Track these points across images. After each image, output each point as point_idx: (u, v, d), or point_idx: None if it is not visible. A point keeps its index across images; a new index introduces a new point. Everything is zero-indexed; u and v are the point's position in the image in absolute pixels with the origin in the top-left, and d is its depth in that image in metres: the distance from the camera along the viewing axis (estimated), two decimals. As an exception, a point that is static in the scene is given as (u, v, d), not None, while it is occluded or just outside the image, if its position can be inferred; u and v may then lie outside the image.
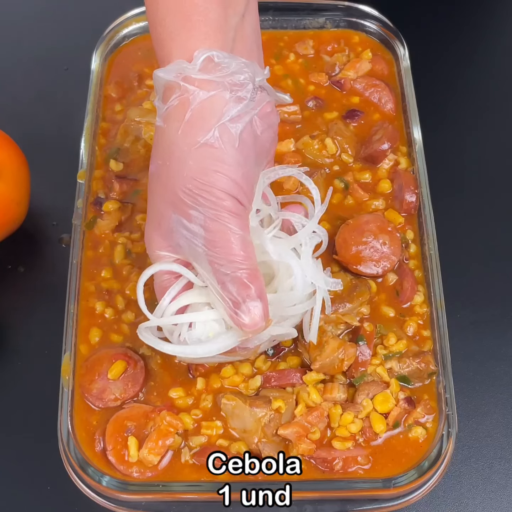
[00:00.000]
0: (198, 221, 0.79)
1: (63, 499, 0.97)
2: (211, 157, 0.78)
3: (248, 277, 0.80)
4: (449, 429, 0.91)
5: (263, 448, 0.89)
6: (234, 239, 0.79)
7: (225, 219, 0.79)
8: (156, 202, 0.83)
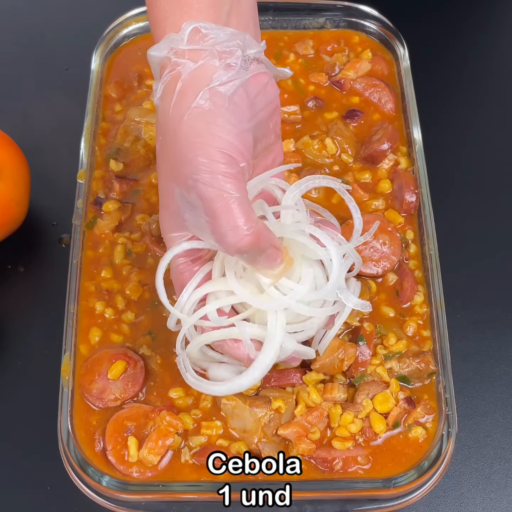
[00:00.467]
0: (194, 189, 0.76)
1: (63, 499, 0.97)
2: (203, 120, 0.76)
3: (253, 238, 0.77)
4: (449, 429, 0.91)
5: (263, 448, 0.89)
6: (232, 203, 0.75)
7: (220, 182, 0.75)
8: (162, 180, 0.81)
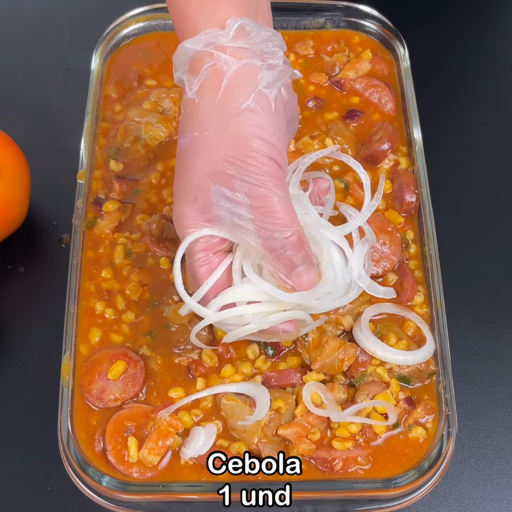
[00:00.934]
0: (242, 189, 0.79)
1: (63, 499, 0.97)
2: (251, 123, 0.78)
3: (299, 240, 0.81)
4: (449, 429, 0.91)
5: (263, 448, 0.89)
6: (280, 203, 0.79)
7: (269, 183, 0.78)
8: (192, 176, 0.81)
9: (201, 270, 0.86)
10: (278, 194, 0.79)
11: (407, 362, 0.93)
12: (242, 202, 0.80)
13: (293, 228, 0.81)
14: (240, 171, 0.78)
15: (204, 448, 0.89)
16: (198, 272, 0.86)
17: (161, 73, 1.18)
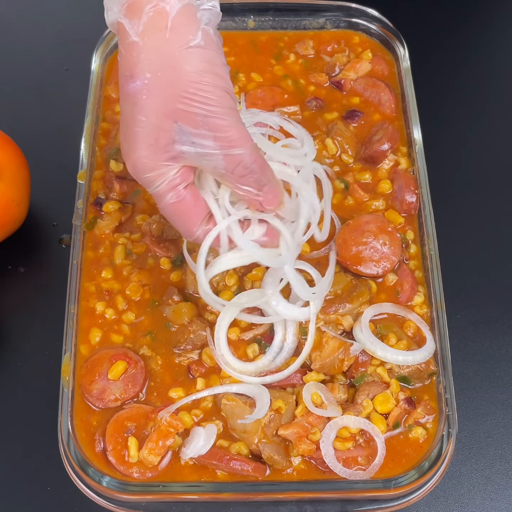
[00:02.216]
0: (205, 123, 0.81)
1: (63, 500, 0.97)
2: (202, 58, 0.81)
3: (263, 161, 0.86)
4: (449, 429, 0.91)
5: (263, 448, 0.89)
6: (241, 131, 0.83)
7: (229, 114, 0.82)
8: (151, 118, 0.82)
9: (178, 208, 0.87)
10: (238, 122, 0.83)
11: (407, 362, 0.93)
12: (206, 135, 0.82)
13: (256, 151, 0.85)
14: (200, 106, 0.80)
15: (204, 448, 0.89)
16: (174, 210, 0.87)
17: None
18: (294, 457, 0.90)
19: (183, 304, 0.98)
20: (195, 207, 0.88)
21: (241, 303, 0.95)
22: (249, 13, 1.21)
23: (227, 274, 0.98)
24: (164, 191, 0.85)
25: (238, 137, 0.83)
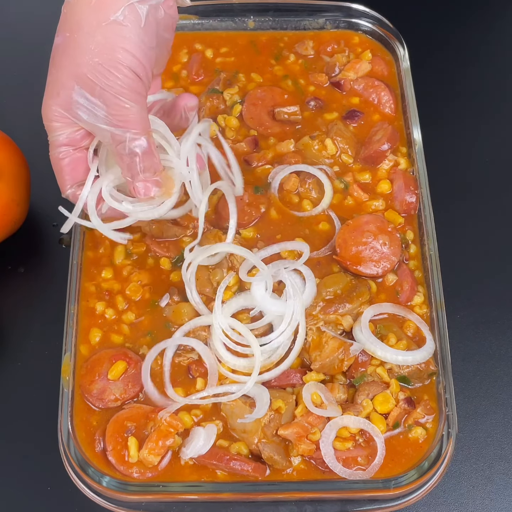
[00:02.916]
0: (102, 95, 0.84)
1: (63, 500, 0.97)
2: (119, 34, 0.83)
3: (144, 151, 0.87)
4: (449, 429, 0.91)
5: (263, 448, 0.89)
6: (133, 114, 0.85)
7: (127, 95, 0.84)
8: (59, 73, 0.86)
9: (62, 163, 0.92)
10: (133, 106, 0.85)
11: (407, 362, 0.93)
12: (100, 106, 0.85)
13: (141, 139, 0.86)
14: (102, 79, 0.83)
15: (204, 448, 0.89)
16: (59, 163, 0.92)
17: (161, 73, 1.18)
18: (294, 457, 0.90)
19: (183, 304, 0.98)
20: (76, 171, 0.93)
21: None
22: (249, 14, 1.21)
23: (227, 275, 0.99)
24: (58, 143, 0.91)
25: (128, 120, 0.85)
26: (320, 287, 0.98)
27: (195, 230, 1.04)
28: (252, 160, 1.09)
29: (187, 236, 1.04)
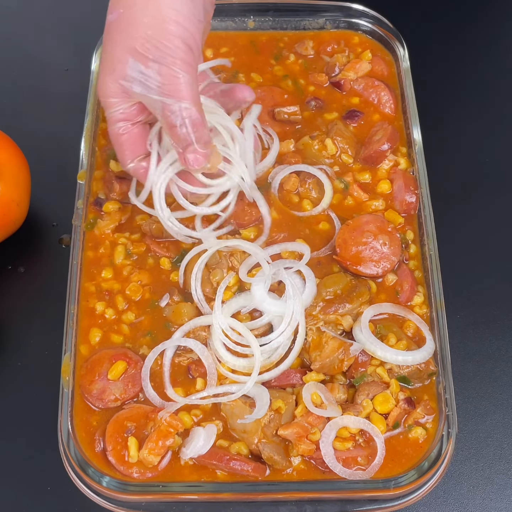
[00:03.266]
0: (154, 66, 0.87)
1: (63, 500, 0.97)
2: (171, 7, 0.86)
3: (195, 121, 0.90)
4: (449, 429, 0.91)
5: (263, 448, 0.89)
6: (185, 84, 0.88)
7: (179, 66, 0.87)
8: (114, 49, 0.89)
9: (121, 138, 0.95)
10: (185, 77, 0.88)
11: (407, 362, 0.93)
12: (153, 77, 0.88)
13: (192, 109, 0.89)
14: (155, 51, 0.87)
15: (204, 448, 0.89)
16: (118, 139, 0.95)
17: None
18: (294, 457, 0.90)
19: (183, 304, 0.98)
20: (136, 145, 0.96)
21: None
22: (249, 14, 1.21)
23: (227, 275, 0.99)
24: (115, 119, 0.93)
25: (180, 89, 0.88)
26: (320, 287, 0.98)
27: (194, 230, 1.04)
28: (252, 160, 1.09)
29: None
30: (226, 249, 0.99)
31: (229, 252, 0.99)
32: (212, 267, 1.00)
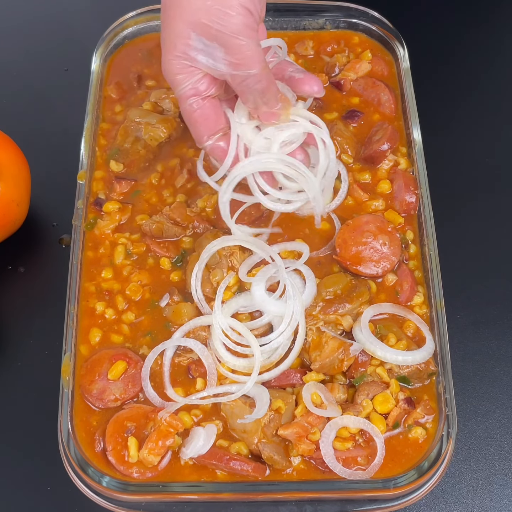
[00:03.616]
0: (218, 37, 0.87)
1: (63, 499, 0.97)
2: None
3: (264, 86, 0.91)
4: (449, 429, 0.91)
5: (263, 448, 0.89)
6: (250, 48, 0.88)
7: (242, 33, 0.87)
8: (173, 25, 0.89)
9: (195, 115, 0.95)
10: (249, 42, 0.88)
11: (407, 362, 0.93)
12: (217, 48, 0.88)
13: (261, 73, 0.90)
14: (217, 20, 0.86)
15: (204, 448, 0.89)
16: (192, 116, 0.95)
17: (161, 73, 1.16)
18: (294, 457, 0.90)
19: (183, 304, 0.98)
20: (209, 120, 0.96)
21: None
22: (249, 14, 1.21)
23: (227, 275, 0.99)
24: (186, 95, 0.93)
25: (246, 57, 0.88)
26: (320, 287, 0.98)
27: (194, 230, 1.04)
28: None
29: (187, 236, 1.04)
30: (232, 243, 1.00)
31: (229, 252, 0.99)
32: (212, 267, 1.00)
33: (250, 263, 0.99)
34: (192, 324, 0.96)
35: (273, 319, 0.96)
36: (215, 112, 0.96)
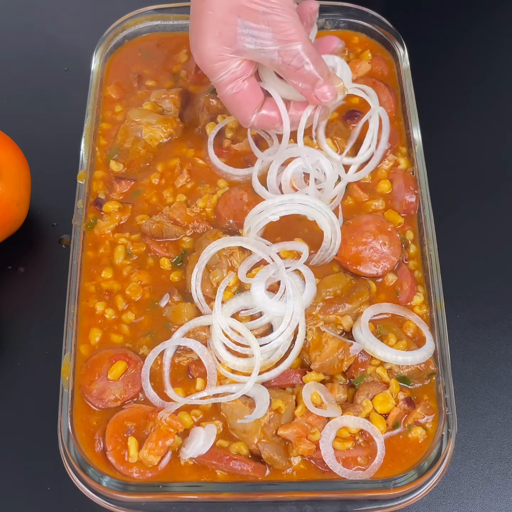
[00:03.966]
0: (264, 19, 0.91)
1: (63, 500, 0.97)
2: None
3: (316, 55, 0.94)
4: (449, 429, 0.91)
5: (263, 448, 0.89)
6: (296, 28, 0.92)
7: (286, 12, 0.91)
8: (217, 12, 0.92)
9: (236, 98, 0.98)
10: (293, 19, 0.92)
11: (407, 362, 0.93)
12: (265, 29, 0.91)
13: (309, 46, 0.93)
14: (262, 2, 0.90)
15: (204, 448, 0.89)
16: (234, 99, 0.98)
17: (161, 73, 1.18)
18: (294, 457, 0.90)
19: (183, 304, 0.98)
20: (251, 98, 0.98)
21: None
22: (249, 14, 1.21)
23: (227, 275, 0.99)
24: (226, 82, 0.96)
25: (294, 32, 0.92)
26: (320, 287, 0.98)
27: (194, 230, 1.04)
28: (252, 160, 1.09)
29: (187, 236, 1.04)
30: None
31: (228, 252, 0.99)
32: (212, 267, 1.00)
33: (250, 264, 0.99)
34: (192, 324, 0.96)
35: (273, 319, 0.96)
36: (253, 89, 0.98)
